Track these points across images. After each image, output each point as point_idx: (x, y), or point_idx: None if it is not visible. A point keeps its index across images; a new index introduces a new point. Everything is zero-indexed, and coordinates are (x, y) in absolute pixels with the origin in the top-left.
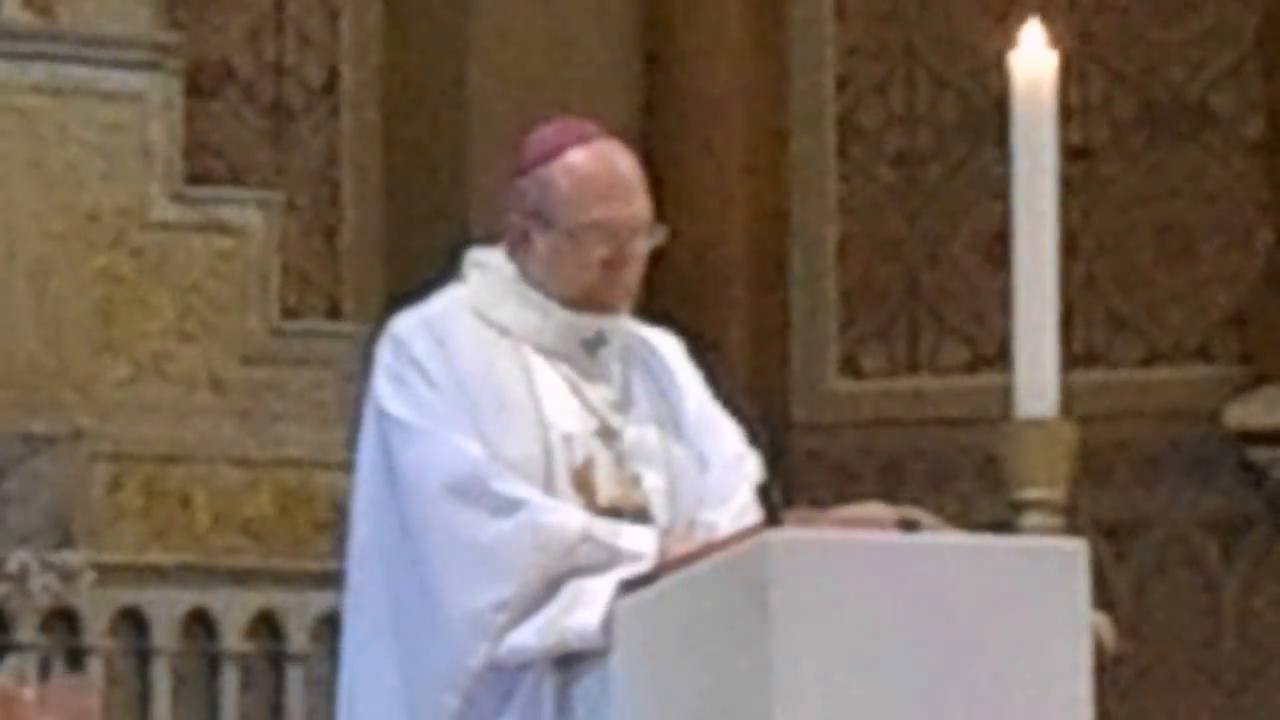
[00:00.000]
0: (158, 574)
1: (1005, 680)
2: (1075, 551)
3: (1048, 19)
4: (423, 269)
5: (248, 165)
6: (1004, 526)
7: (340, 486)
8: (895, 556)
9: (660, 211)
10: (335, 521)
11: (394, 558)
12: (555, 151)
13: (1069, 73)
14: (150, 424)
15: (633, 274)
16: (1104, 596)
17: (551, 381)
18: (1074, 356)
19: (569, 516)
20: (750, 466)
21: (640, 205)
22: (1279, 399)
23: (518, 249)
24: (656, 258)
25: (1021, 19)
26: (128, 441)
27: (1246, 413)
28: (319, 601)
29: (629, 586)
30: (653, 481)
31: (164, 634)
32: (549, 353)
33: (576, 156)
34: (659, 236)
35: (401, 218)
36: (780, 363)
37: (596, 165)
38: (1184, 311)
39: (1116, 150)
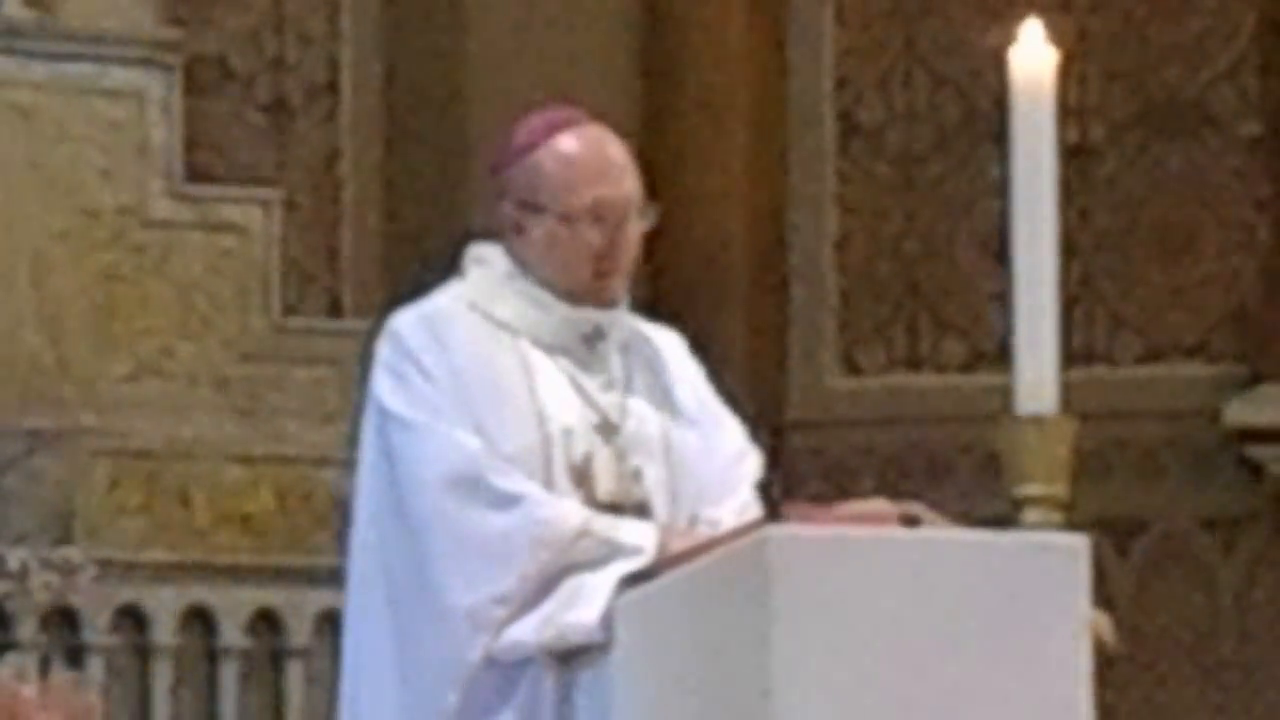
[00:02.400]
0: (158, 571)
1: (1005, 676)
2: (1076, 547)
3: (1046, 17)
4: (423, 266)
5: (248, 163)
6: (1004, 523)
7: (340, 483)
8: (896, 552)
9: (661, 211)
10: (335, 518)
11: (394, 552)
12: (541, 138)
13: (1067, 72)
14: (151, 421)
15: (626, 256)
16: (1104, 593)
17: (551, 376)
18: (1073, 354)
19: (568, 511)
20: (751, 464)
21: (630, 186)
22: (1278, 397)
23: (512, 239)
24: (656, 253)
25: (1020, 17)
26: (128, 438)
27: (1245, 410)
28: (319, 598)
29: (629, 582)
30: (653, 476)
31: (164, 631)
32: (548, 347)
33: (563, 141)
34: (650, 216)
35: (402, 215)
36: (779, 360)
37: (584, 148)
38: (1183, 309)
39: (1115, 149)
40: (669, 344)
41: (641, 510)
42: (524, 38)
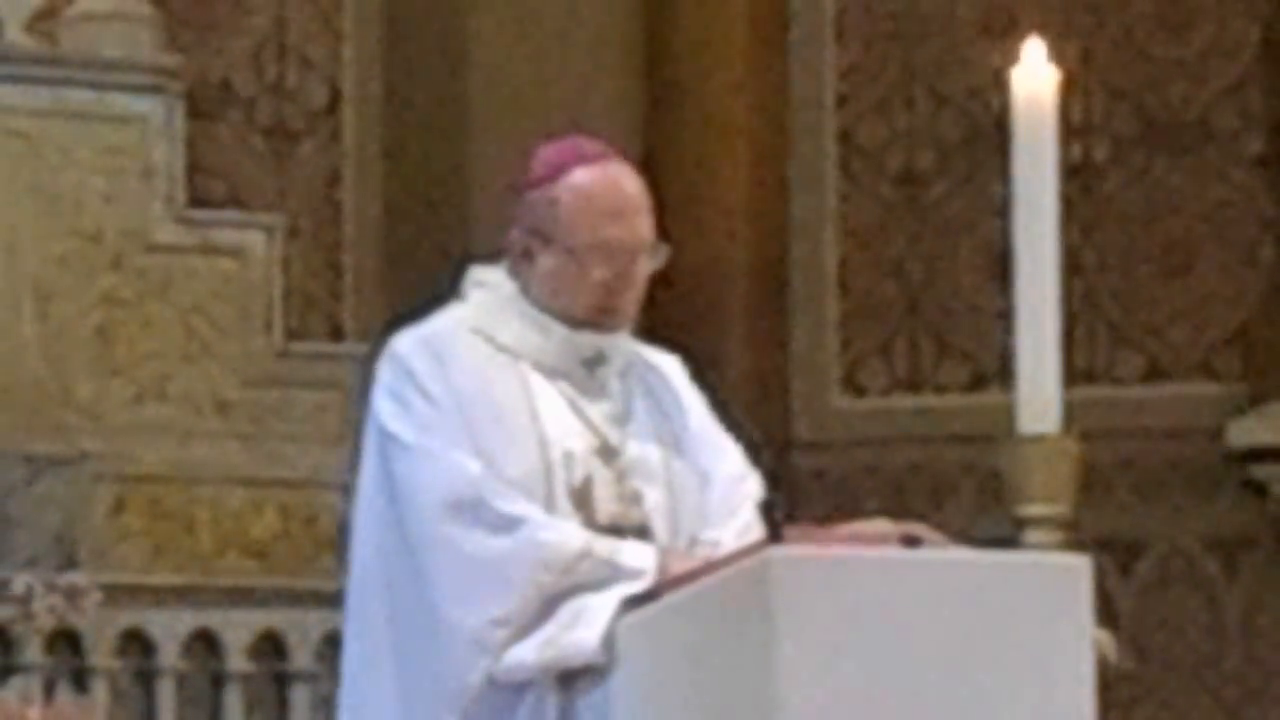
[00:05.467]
0: (162, 595)
1: (1009, 696)
2: (1078, 567)
3: (1048, 36)
4: (424, 289)
5: (249, 187)
6: (1007, 543)
7: (343, 507)
8: (898, 573)
9: (662, 232)
10: (338, 541)
11: (395, 575)
12: (561, 169)
13: (1070, 90)
14: (154, 445)
15: (633, 295)
16: (1107, 613)
17: (551, 399)
18: (1076, 373)
19: (569, 533)
20: (751, 486)
21: (643, 227)
22: None
23: (519, 265)
24: (658, 277)
25: (1022, 36)
26: (131, 463)
27: (1249, 430)
28: (322, 621)
29: (630, 604)
30: (653, 499)
31: (168, 654)
32: (549, 371)
33: (582, 175)
34: (660, 257)
35: (403, 239)
36: (782, 381)
37: (602, 185)
38: (1186, 328)
39: (1117, 167)
40: (669, 367)
41: (642, 533)
42: (525, 61)
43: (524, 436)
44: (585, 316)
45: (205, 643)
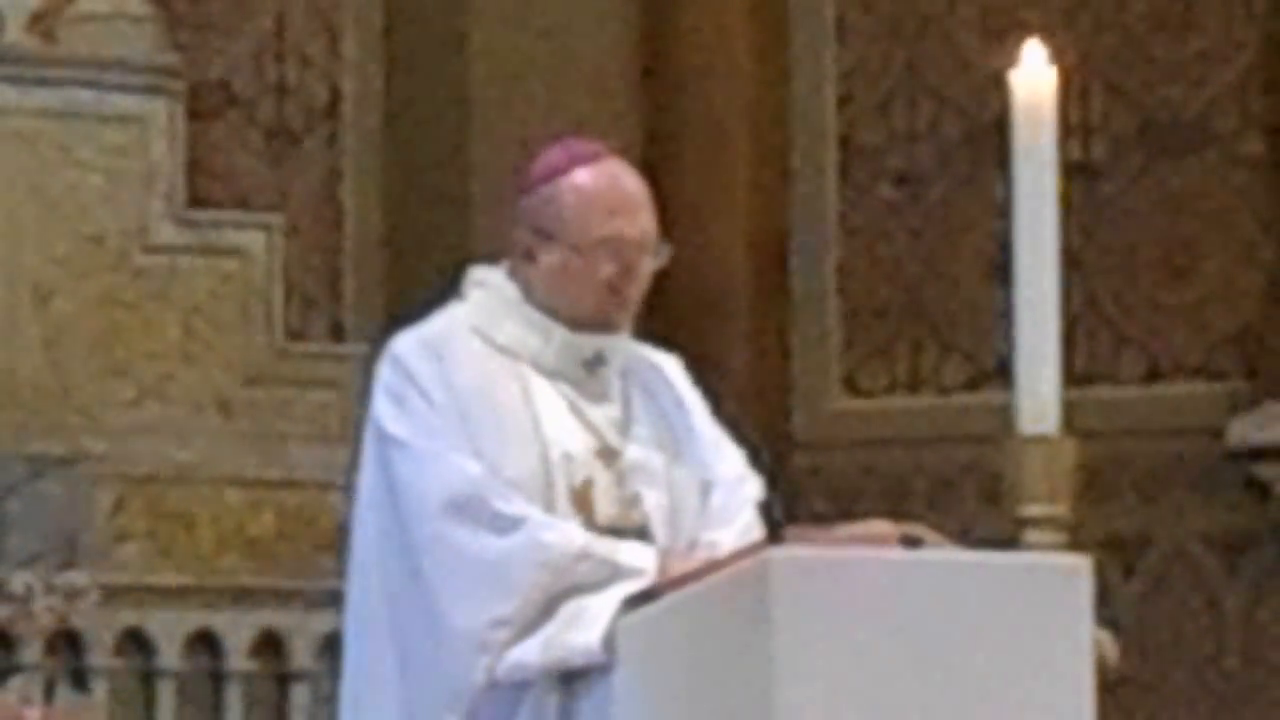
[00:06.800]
0: (162, 595)
1: (1008, 696)
2: (1078, 568)
3: (1048, 37)
4: (425, 289)
5: (250, 187)
6: (1007, 544)
7: (343, 507)
8: (898, 573)
9: (663, 232)
10: (338, 541)
11: (394, 576)
12: (562, 169)
13: (1069, 90)
14: (154, 445)
15: (636, 292)
16: (1107, 613)
17: (551, 401)
18: (1076, 374)
19: (569, 534)
20: (751, 488)
21: (646, 223)
22: None
23: (521, 266)
24: (659, 277)
25: (1022, 37)
26: (131, 463)
27: (1250, 429)
28: (323, 621)
29: (631, 604)
30: (653, 501)
31: (168, 654)
32: (549, 372)
33: (583, 174)
34: (663, 255)
35: (403, 239)
36: (782, 381)
37: (603, 183)
38: (1186, 328)
39: (1117, 167)
40: (669, 368)
41: (641, 534)
42: (525, 61)
43: (523, 438)
44: (590, 314)
45: (205, 643)
